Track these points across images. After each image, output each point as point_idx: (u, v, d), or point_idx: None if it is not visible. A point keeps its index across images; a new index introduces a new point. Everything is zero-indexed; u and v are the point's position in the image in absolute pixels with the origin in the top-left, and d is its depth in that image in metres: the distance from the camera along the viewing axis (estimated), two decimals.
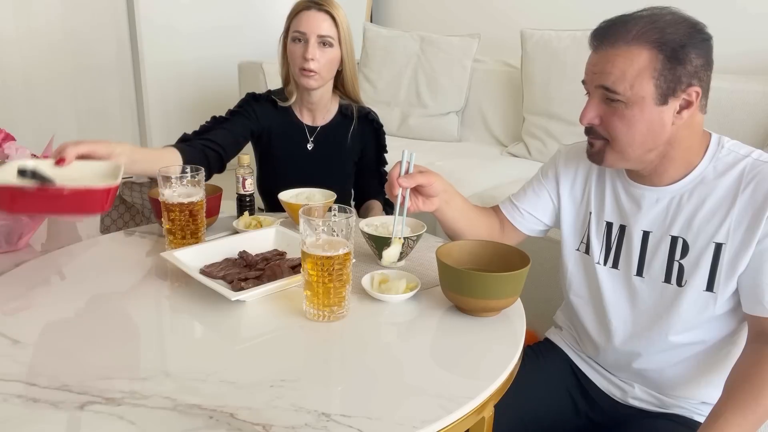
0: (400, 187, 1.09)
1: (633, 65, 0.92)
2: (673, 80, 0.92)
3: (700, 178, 0.99)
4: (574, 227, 1.16)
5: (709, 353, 1.03)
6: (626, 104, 0.94)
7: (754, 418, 0.88)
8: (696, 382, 1.05)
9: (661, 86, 0.92)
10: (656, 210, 1.03)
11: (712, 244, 0.97)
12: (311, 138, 1.58)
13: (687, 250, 1.00)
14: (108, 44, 3.33)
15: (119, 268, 1.16)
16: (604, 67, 0.94)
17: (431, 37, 2.73)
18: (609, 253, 1.09)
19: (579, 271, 1.15)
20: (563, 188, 1.17)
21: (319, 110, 1.58)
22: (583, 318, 1.14)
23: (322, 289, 0.95)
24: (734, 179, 0.96)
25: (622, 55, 0.92)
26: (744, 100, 1.89)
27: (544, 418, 1.15)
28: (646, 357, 1.06)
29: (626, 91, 0.93)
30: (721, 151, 0.99)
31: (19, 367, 0.82)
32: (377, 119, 1.63)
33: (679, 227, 1.00)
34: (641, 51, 0.91)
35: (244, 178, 1.38)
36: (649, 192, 1.03)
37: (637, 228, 1.05)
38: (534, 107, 2.40)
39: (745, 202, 0.94)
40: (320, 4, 1.45)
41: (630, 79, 0.92)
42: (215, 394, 0.77)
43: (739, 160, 0.97)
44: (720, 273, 0.97)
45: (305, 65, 1.44)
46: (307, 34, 1.43)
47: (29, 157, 1.31)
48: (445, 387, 0.81)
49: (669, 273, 1.01)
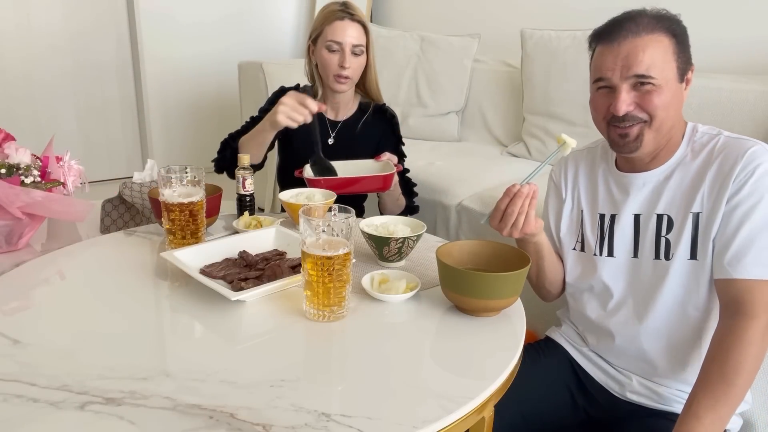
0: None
1: (660, 50, 1.00)
2: (685, 60, 1.03)
3: (681, 159, 1.07)
4: (570, 229, 1.20)
5: (699, 334, 1.05)
6: (657, 86, 1.00)
7: (726, 397, 0.91)
8: (691, 367, 1.06)
9: (680, 66, 1.02)
10: (643, 193, 1.09)
11: (690, 214, 1.03)
12: (333, 133, 1.65)
13: (672, 225, 1.05)
14: (108, 44, 3.33)
15: (119, 268, 1.16)
16: (636, 57, 1.00)
17: (431, 37, 2.73)
18: (603, 242, 1.13)
19: (577, 267, 1.18)
20: (562, 193, 1.22)
21: (341, 107, 1.66)
22: (585, 308, 1.17)
23: (322, 289, 0.95)
24: (706, 155, 1.05)
25: (649, 43, 1.00)
26: (744, 100, 1.89)
27: (543, 415, 1.17)
28: (645, 337, 1.08)
29: (659, 74, 1.00)
30: (696, 134, 1.08)
31: (19, 367, 0.82)
32: (391, 110, 1.70)
33: (663, 205, 1.07)
34: (662, 37, 1.00)
35: (244, 178, 1.38)
36: (636, 178, 1.10)
37: (628, 213, 1.11)
38: (534, 107, 2.40)
39: (714, 172, 1.02)
40: (352, 14, 1.54)
41: (660, 63, 1.00)
42: (215, 394, 0.77)
43: (711, 139, 1.06)
44: (700, 240, 1.02)
45: (342, 72, 1.53)
46: (343, 44, 1.52)
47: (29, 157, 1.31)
48: (445, 387, 0.81)
49: (657, 249, 1.07)
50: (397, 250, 1.17)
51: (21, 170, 1.28)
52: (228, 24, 3.58)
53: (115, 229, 1.54)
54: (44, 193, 1.28)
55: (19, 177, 1.27)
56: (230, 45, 3.57)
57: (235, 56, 3.18)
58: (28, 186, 1.27)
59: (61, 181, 1.36)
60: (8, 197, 1.22)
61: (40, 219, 1.33)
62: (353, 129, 1.66)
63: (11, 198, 1.22)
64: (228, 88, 3.51)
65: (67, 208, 1.35)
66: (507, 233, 1.08)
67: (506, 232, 1.08)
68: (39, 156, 1.36)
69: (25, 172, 1.28)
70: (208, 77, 3.57)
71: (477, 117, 2.71)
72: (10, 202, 1.22)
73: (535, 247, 1.15)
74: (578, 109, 2.22)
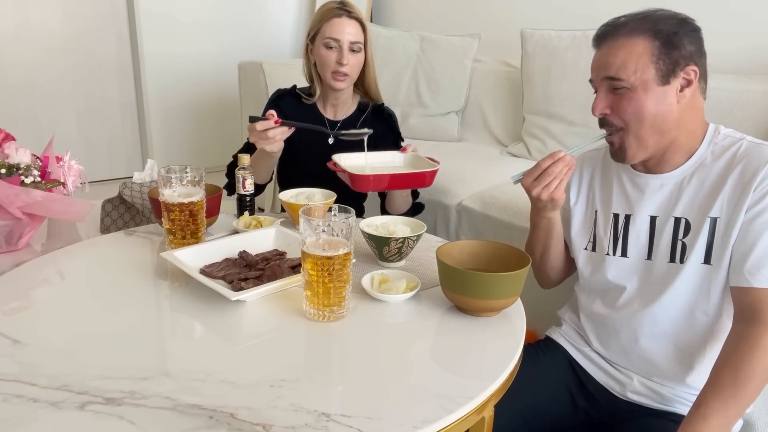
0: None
1: (633, 52, 1.00)
2: (671, 63, 1.00)
3: (700, 161, 1.05)
4: (582, 229, 1.20)
5: (708, 336, 1.05)
6: (631, 89, 1.01)
7: (735, 401, 0.91)
8: (693, 370, 1.06)
9: (661, 68, 1.00)
10: (661, 195, 1.09)
11: (708, 218, 1.02)
12: (332, 132, 1.63)
13: (689, 229, 1.05)
14: (108, 44, 3.33)
15: (119, 268, 1.16)
16: (608, 60, 1.03)
17: (431, 37, 2.73)
18: (617, 242, 1.13)
19: (587, 266, 1.18)
20: (572, 196, 1.22)
21: (340, 106, 1.66)
22: (592, 304, 1.17)
23: (322, 289, 0.95)
24: (728, 159, 1.03)
25: (621, 46, 1.01)
26: (744, 100, 1.89)
27: (543, 414, 1.17)
28: (650, 337, 1.08)
29: (629, 77, 1.00)
30: (717, 136, 1.06)
31: (19, 367, 0.82)
32: (389, 109, 1.70)
33: (681, 209, 1.06)
34: (638, 40, 1.00)
35: (244, 178, 1.38)
36: (653, 179, 1.09)
37: (644, 214, 1.10)
38: (534, 107, 2.40)
39: (736, 178, 1.01)
40: (350, 11, 1.53)
41: (632, 66, 1.00)
42: (215, 394, 0.77)
43: (734, 143, 1.04)
44: (716, 245, 1.02)
45: (339, 69, 1.53)
46: (340, 41, 1.51)
47: (29, 157, 1.31)
48: (445, 387, 0.81)
49: (674, 252, 1.06)
50: (397, 250, 1.17)
51: (21, 170, 1.28)
52: (228, 24, 3.58)
53: (115, 229, 1.54)
54: (44, 193, 1.28)
55: (19, 177, 1.26)
56: (230, 45, 3.57)
57: (235, 56, 3.18)
58: (28, 186, 1.27)
59: (61, 181, 1.36)
60: (8, 197, 1.22)
61: (40, 219, 1.33)
62: (352, 128, 1.65)
63: (11, 198, 1.22)
64: (228, 88, 3.51)
65: (67, 208, 1.35)
66: (537, 192, 1.07)
67: (536, 191, 1.07)
68: (39, 156, 1.36)
69: (25, 172, 1.28)
70: (208, 77, 3.57)
71: (477, 117, 2.71)
72: (10, 202, 1.22)
73: (548, 222, 1.16)
74: (578, 109, 2.22)
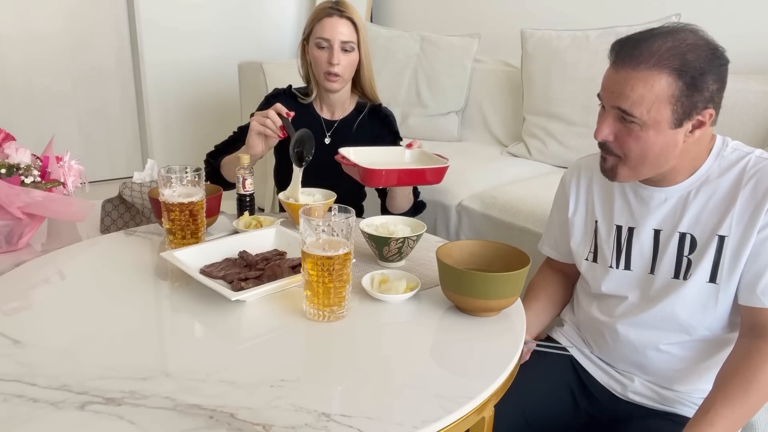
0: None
1: (652, 91, 0.91)
2: (690, 105, 0.92)
3: (706, 176, 1.02)
4: (583, 238, 1.18)
5: (709, 347, 1.05)
6: (641, 126, 0.94)
7: (742, 410, 0.91)
8: (696, 375, 1.06)
9: (678, 111, 0.93)
10: (665, 209, 1.05)
11: (716, 236, 0.99)
12: (329, 132, 1.64)
13: (695, 245, 1.02)
14: (108, 45, 3.33)
15: (119, 268, 1.16)
16: (623, 89, 0.93)
17: (431, 37, 2.73)
18: (620, 255, 1.10)
19: (588, 274, 1.17)
20: (571, 205, 1.19)
21: (337, 106, 1.64)
22: (592, 310, 1.16)
23: (322, 289, 0.95)
24: (737, 175, 0.99)
25: (642, 79, 0.92)
26: (744, 100, 1.89)
27: (544, 414, 1.16)
28: (650, 348, 1.08)
29: (643, 115, 0.93)
30: (725, 150, 1.02)
31: (19, 367, 0.82)
32: (386, 109, 1.68)
33: (687, 224, 1.03)
34: (661, 77, 0.91)
35: (244, 178, 1.38)
36: (658, 192, 1.06)
37: (648, 227, 1.07)
38: (534, 107, 2.39)
39: (747, 196, 0.97)
40: (342, 11, 1.51)
41: (648, 104, 0.92)
42: (215, 394, 0.77)
43: (743, 157, 1.00)
44: (723, 265, 0.99)
45: (331, 70, 1.51)
46: (331, 41, 1.50)
47: (29, 157, 1.31)
48: (445, 387, 0.81)
49: (678, 269, 1.04)
50: (397, 250, 1.17)
51: (21, 170, 1.28)
52: (228, 24, 3.58)
53: (115, 229, 1.54)
54: (44, 193, 1.28)
55: (19, 177, 1.26)
56: (230, 45, 3.57)
57: (235, 56, 3.18)
58: (28, 186, 1.27)
59: (61, 181, 1.36)
60: (8, 197, 1.22)
61: (40, 219, 1.33)
62: (349, 129, 1.65)
63: (11, 198, 1.22)
64: (228, 88, 3.50)
65: (67, 208, 1.35)
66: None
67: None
68: (39, 156, 1.36)
69: (25, 172, 1.28)
70: (208, 77, 3.56)
71: (477, 117, 2.71)
72: (10, 202, 1.22)
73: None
74: (578, 109, 2.22)
